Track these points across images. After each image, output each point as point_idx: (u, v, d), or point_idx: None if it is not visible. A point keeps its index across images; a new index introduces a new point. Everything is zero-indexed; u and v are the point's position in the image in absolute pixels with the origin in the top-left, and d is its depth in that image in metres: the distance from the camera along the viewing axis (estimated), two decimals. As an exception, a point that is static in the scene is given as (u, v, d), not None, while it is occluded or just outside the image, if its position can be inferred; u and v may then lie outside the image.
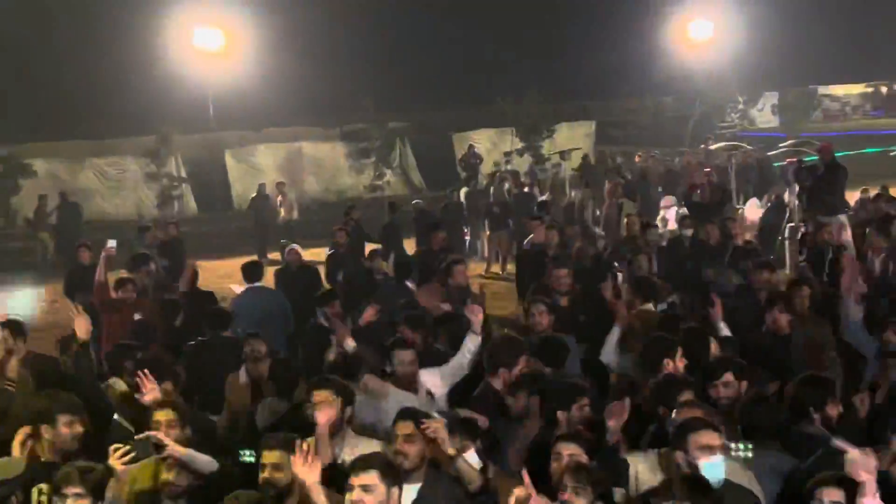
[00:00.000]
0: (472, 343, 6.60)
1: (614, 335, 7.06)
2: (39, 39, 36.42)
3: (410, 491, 4.37)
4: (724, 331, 7.19)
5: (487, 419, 5.32)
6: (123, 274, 10.98)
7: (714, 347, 6.64)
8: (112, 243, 10.39)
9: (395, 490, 3.97)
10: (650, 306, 8.15)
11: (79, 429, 4.97)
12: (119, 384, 6.25)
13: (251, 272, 10.71)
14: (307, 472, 4.16)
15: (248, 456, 4.67)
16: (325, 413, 4.70)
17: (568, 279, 9.43)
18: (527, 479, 4.14)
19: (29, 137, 29.24)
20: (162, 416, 5.07)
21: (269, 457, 4.54)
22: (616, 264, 12.16)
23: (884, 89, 48.98)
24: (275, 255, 17.21)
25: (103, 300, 9.81)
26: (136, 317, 8.79)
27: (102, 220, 24.00)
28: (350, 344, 6.93)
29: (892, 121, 44.09)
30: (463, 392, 6.42)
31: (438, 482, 4.64)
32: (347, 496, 3.82)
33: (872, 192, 17.78)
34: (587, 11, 40.86)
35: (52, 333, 10.87)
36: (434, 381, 6.41)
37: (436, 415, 5.10)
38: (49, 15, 37.11)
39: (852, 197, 17.52)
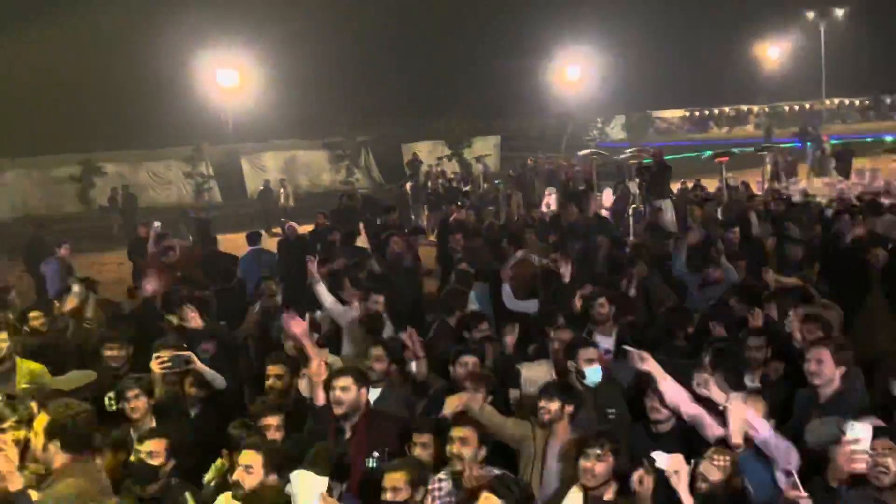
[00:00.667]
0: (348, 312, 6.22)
1: (506, 288, 6.91)
2: (99, 78, 34.99)
3: (374, 392, 4.39)
4: (567, 278, 6.85)
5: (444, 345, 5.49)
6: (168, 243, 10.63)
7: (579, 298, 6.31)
8: (157, 224, 10.77)
9: (363, 390, 4.00)
10: (534, 259, 7.84)
11: (125, 352, 5.10)
12: (172, 319, 6.23)
13: (252, 238, 10.92)
14: (314, 355, 4.15)
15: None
16: (298, 325, 4.48)
17: (461, 242, 9.53)
18: (413, 337, 4.81)
19: (102, 146, 28.57)
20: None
21: (273, 369, 4.62)
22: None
23: (696, 113, 49.36)
24: (277, 230, 17.07)
25: (154, 262, 9.77)
26: (178, 274, 8.68)
27: (153, 207, 23.70)
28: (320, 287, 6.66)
29: (702, 135, 43.75)
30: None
31: (394, 387, 4.73)
32: (330, 393, 3.90)
33: (689, 184, 18.09)
34: (495, 55, 40.36)
35: (120, 287, 11.00)
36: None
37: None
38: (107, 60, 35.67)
39: (675, 187, 17.50)
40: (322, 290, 6.68)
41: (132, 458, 3.78)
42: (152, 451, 3.57)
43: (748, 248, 8.99)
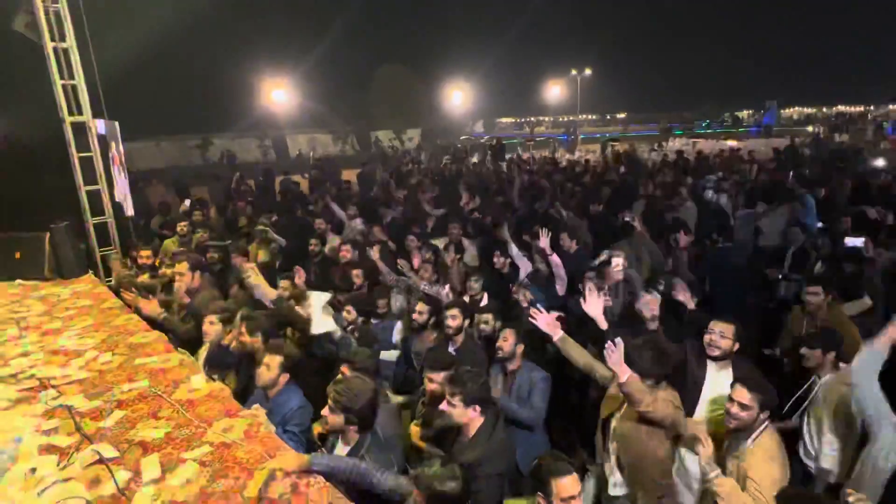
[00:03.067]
0: None
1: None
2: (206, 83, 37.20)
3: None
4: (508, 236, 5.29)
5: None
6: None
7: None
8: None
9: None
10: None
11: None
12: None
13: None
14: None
15: None
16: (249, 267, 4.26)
17: (400, 195, 9.00)
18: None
19: (209, 129, 30.40)
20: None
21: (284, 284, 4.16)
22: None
23: (518, 120, 51.77)
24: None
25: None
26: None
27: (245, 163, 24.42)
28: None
29: (519, 131, 46.94)
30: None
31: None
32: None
33: (516, 156, 19.50)
34: (419, 77, 41.05)
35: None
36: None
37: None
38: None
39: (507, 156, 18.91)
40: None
41: None
42: None
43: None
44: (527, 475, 2.51)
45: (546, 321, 3.12)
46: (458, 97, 37.38)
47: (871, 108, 39.50)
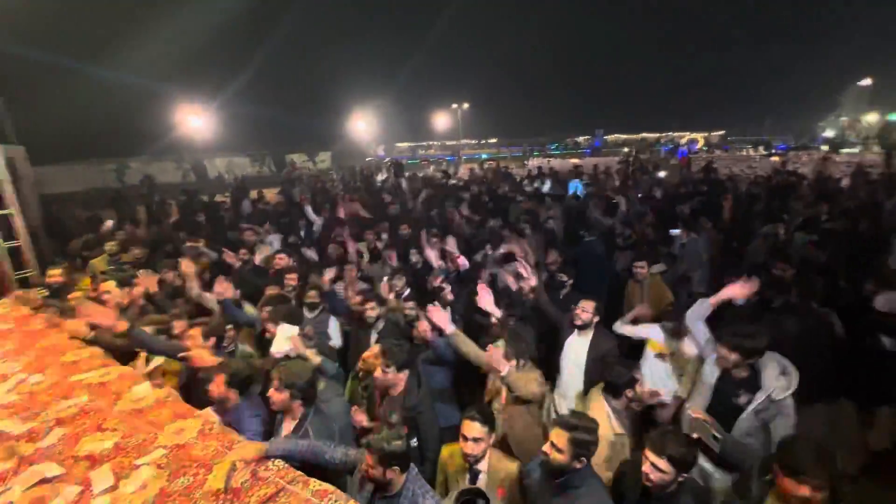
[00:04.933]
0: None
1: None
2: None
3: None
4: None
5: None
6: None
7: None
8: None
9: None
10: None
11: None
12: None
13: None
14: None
15: None
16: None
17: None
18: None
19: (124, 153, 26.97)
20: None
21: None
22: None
23: (412, 145, 49.16)
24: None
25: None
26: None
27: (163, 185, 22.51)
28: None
29: (412, 154, 45.86)
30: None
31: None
32: None
33: (414, 173, 17.48)
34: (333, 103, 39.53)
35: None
36: None
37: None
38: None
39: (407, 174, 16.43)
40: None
41: None
42: None
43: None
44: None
45: (439, 317, 2.94)
46: (362, 125, 36.69)
47: (666, 134, 45.58)
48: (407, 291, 4.23)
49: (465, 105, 40.99)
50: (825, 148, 26.06)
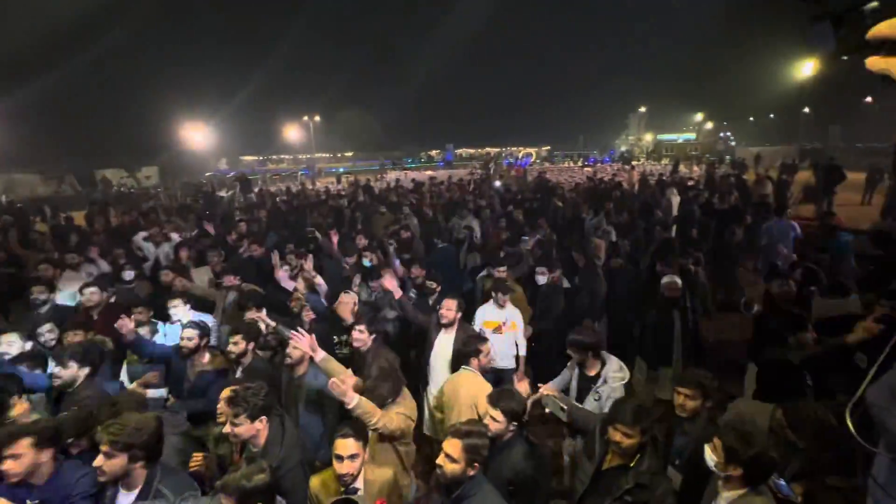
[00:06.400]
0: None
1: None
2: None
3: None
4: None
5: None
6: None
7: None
8: None
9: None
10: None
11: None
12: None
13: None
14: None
15: None
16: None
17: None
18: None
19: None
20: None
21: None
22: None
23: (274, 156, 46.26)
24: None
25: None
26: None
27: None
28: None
29: (283, 165, 42.43)
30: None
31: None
32: None
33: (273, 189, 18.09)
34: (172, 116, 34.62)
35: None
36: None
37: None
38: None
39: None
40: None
41: None
42: None
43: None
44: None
45: (306, 343, 2.73)
46: (198, 136, 33.09)
47: (506, 148, 50.42)
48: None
49: (317, 118, 39.88)
50: (619, 161, 32.53)
